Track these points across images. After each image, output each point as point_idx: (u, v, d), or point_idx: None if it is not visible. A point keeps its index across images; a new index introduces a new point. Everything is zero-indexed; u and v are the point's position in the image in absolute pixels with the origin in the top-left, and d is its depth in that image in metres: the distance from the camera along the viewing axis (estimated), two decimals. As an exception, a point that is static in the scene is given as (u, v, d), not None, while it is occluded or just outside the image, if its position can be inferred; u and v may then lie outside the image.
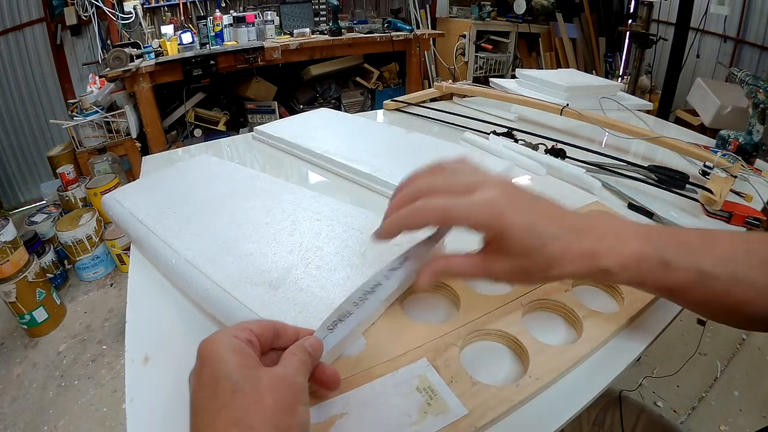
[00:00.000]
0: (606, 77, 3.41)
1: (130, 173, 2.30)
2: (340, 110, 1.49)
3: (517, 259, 0.31)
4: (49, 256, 1.72)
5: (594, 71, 3.54)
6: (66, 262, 1.85)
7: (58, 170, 1.94)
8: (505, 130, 0.90)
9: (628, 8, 3.63)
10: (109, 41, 2.46)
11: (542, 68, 3.34)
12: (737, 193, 0.69)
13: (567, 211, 0.33)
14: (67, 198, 1.90)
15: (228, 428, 0.21)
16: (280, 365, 0.26)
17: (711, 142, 0.89)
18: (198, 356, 0.25)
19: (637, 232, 0.33)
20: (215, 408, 0.22)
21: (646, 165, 0.76)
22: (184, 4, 2.57)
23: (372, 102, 3.12)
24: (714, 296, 0.33)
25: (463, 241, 0.37)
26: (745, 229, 0.61)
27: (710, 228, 0.42)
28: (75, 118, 2.08)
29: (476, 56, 3.34)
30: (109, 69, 1.99)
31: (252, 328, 0.27)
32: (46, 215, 1.87)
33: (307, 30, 2.64)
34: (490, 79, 1.47)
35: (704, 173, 0.74)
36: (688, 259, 0.32)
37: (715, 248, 0.33)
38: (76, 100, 2.19)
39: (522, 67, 3.29)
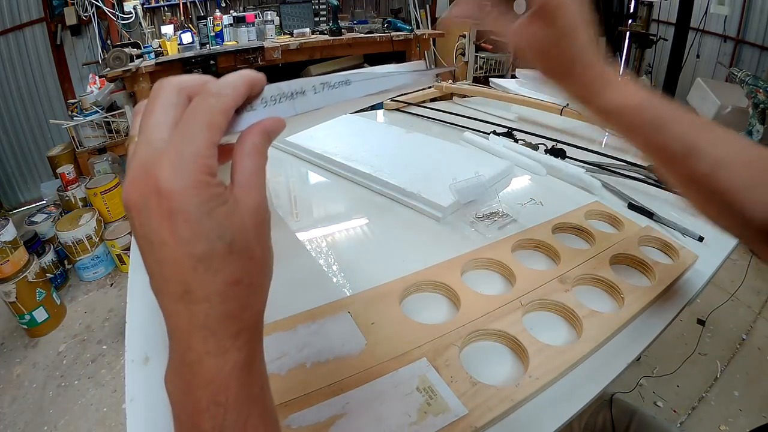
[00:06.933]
0: (606, 77, 3.40)
1: (130, 173, 2.29)
2: (340, 110, 1.48)
3: (562, 39, 0.38)
4: (49, 256, 1.72)
5: (594, 71, 3.53)
6: (66, 262, 1.84)
7: (58, 170, 1.94)
8: (505, 130, 0.90)
9: (628, 8, 3.62)
10: (109, 41, 2.46)
11: (542, 68, 3.34)
12: (737, 193, 0.69)
13: None
14: (67, 198, 1.90)
15: (175, 303, 0.19)
16: (239, 191, 0.20)
17: (711, 142, 0.89)
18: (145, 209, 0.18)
19: (639, 89, 0.38)
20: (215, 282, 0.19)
21: (646, 165, 0.76)
22: (184, 4, 2.57)
23: (372, 102, 3.12)
24: (698, 174, 0.34)
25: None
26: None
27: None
28: (75, 118, 2.08)
29: (476, 56, 3.34)
30: (109, 69, 1.99)
31: (214, 138, 0.19)
32: (46, 215, 1.87)
33: (307, 30, 2.64)
34: (490, 79, 1.47)
35: (704, 173, 0.73)
36: (682, 129, 0.35)
37: (710, 130, 0.35)
38: (76, 100, 2.19)
39: (522, 67, 3.28)
